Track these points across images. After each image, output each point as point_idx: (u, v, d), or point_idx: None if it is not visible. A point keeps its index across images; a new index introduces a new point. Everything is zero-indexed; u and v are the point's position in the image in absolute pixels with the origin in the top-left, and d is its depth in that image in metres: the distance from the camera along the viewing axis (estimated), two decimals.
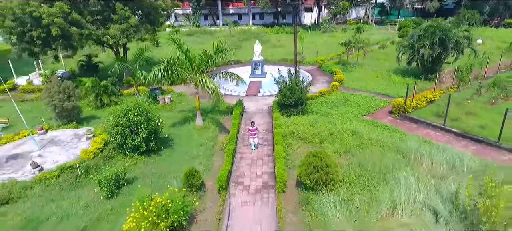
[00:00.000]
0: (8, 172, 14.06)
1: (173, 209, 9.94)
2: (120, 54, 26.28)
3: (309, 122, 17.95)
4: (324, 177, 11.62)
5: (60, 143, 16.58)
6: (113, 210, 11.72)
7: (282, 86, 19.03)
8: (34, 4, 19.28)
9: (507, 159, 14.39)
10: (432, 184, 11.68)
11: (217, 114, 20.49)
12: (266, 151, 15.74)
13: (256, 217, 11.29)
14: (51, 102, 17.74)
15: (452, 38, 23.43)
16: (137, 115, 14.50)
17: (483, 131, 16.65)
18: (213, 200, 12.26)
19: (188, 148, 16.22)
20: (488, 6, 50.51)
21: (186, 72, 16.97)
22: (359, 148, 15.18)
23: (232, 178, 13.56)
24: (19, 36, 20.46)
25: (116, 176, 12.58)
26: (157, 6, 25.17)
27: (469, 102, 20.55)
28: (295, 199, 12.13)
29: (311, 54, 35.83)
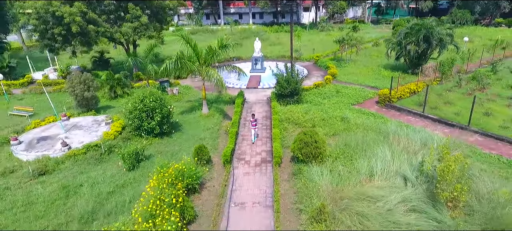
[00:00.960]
0: (41, 150, 16.22)
1: (187, 173, 12.11)
2: (130, 50, 28.43)
3: (303, 110, 20.12)
4: (313, 151, 13.77)
5: (82, 128, 18.74)
6: (134, 179, 13.86)
7: (279, 78, 21.18)
8: (56, 4, 21.42)
9: (474, 139, 16.53)
10: (405, 157, 13.78)
11: (220, 104, 22.63)
12: (265, 134, 17.89)
13: (256, 183, 13.44)
14: (73, 92, 19.89)
15: (436, 35, 25.52)
16: (152, 101, 16.63)
17: (457, 117, 18.80)
18: (219, 172, 14.41)
19: (196, 131, 18.37)
20: (479, 6, 52.55)
21: (194, 64, 19.09)
22: (346, 131, 17.31)
23: (235, 155, 15.71)
24: (42, 34, 22.61)
25: (136, 152, 14.72)
26: (165, 6, 27.33)
27: (448, 93, 22.71)
28: (289, 170, 14.28)
29: (308, 51, 37.93)
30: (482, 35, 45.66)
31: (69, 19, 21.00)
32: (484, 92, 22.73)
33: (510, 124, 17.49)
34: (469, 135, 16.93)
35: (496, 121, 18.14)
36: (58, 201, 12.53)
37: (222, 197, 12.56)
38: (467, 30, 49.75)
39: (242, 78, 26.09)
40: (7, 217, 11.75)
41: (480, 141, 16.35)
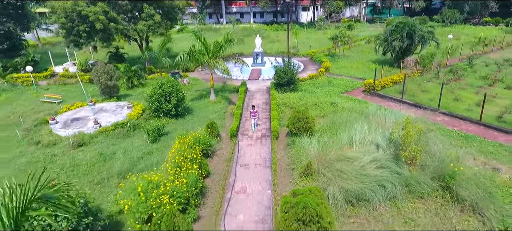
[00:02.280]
0: (76, 128, 19.26)
1: (202, 141, 15.14)
2: (143, 46, 31.47)
3: (298, 97, 23.14)
4: (304, 126, 16.79)
5: (108, 111, 21.79)
6: (158, 149, 16.88)
7: (277, 69, 24.22)
8: (82, 5, 24.43)
9: (441, 119, 19.56)
10: (380, 131, 16.77)
11: (226, 93, 25.64)
12: (265, 116, 20.92)
13: (257, 152, 16.48)
14: (99, 80, 22.93)
15: (418, 32, 28.54)
16: (169, 86, 19.66)
17: (430, 102, 21.81)
18: (226, 144, 17.44)
19: (206, 114, 21.40)
20: (467, 5, 55.50)
21: (204, 57, 22.12)
22: (334, 113, 20.32)
23: (240, 131, 18.74)
24: (68, 31, 25.63)
25: (158, 128, 17.76)
26: (175, 5, 30.32)
27: (427, 83, 25.71)
28: (284, 142, 17.31)
29: (305, 48, 40.96)
30: (469, 33, 48.64)
31: (93, 17, 24.04)
32: (458, 82, 25.74)
33: (474, 108, 20.47)
34: (437, 116, 19.96)
35: (463, 105, 21.17)
36: (98, 164, 15.56)
37: (230, 160, 15.59)
38: (456, 28, 52.75)
39: (244, 71, 29.22)
40: (59, 175, 14.79)
41: (446, 120, 19.38)
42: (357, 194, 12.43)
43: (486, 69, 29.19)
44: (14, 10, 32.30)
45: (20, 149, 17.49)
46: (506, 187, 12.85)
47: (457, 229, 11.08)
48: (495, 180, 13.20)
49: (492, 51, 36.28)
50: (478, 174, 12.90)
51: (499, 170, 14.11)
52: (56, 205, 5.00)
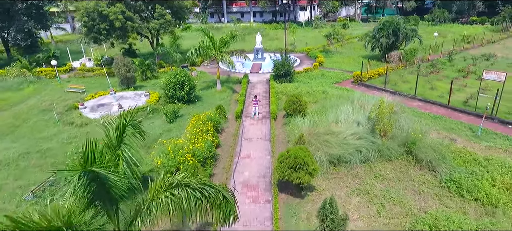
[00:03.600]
0: (103, 112, 22.41)
1: (213, 118, 18.33)
2: (154, 43, 34.64)
3: (294, 87, 26.32)
4: (298, 108, 19.98)
5: (128, 98, 24.96)
6: (175, 127, 20.03)
7: (276, 62, 27.40)
8: (103, 5, 27.55)
9: (416, 104, 22.78)
10: (361, 112, 19.95)
11: (230, 84, 28.81)
12: (265, 102, 24.10)
13: (259, 129, 19.67)
14: (119, 72, 26.09)
15: (402, 30, 31.75)
16: (182, 76, 22.83)
17: (409, 90, 25.02)
18: (232, 124, 20.62)
19: (213, 100, 24.57)
20: (456, 5, 58.74)
21: (211, 51, 25.28)
22: (324, 99, 23.52)
23: (243, 114, 21.92)
24: (90, 29, 28.74)
25: (174, 110, 20.94)
26: (184, 6, 33.45)
27: (409, 75, 28.91)
28: (281, 123, 20.50)
29: (302, 45, 44.11)
30: (455, 31, 51.88)
31: (113, 17, 27.15)
32: (436, 74, 28.96)
33: (445, 95, 23.66)
34: (413, 101, 23.19)
35: (437, 93, 24.41)
36: None
37: (236, 135, 18.79)
38: (444, 27, 55.96)
39: (246, 65, 32.40)
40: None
41: (420, 105, 22.61)
42: (339, 157, 15.64)
43: (464, 63, 32.41)
44: (36, 10, 35.42)
45: (57, 128, 20.64)
46: (458, 152, 16.05)
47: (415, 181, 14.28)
48: (450, 148, 16.39)
49: (473, 48, 39.49)
50: (436, 142, 16.08)
51: (455, 141, 17.35)
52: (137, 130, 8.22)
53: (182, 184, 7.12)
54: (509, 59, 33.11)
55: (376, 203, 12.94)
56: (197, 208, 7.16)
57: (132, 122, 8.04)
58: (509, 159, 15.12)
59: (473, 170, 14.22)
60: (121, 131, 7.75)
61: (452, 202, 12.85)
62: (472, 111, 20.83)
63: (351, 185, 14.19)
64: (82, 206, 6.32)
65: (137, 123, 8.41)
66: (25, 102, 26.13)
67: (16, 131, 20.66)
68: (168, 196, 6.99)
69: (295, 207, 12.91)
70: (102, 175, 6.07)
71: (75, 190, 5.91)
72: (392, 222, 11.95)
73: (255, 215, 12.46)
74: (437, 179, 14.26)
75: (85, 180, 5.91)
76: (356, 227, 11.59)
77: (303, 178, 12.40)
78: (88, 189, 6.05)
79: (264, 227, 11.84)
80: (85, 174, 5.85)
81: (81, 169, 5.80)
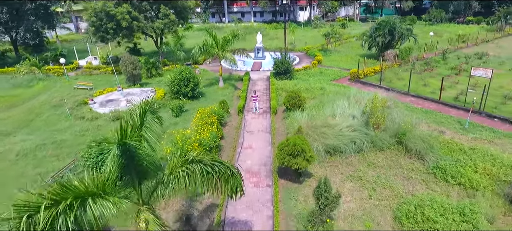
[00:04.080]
0: (112, 107, 23.61)
1: (217, 112, 19.53)
2: (158, 42, 35.85)
3: (293, 83, 27.51)
4: (297, 102, 21.17)
5: (135, 94, 26.15)
6: (181, 120, 21.22)
7: (276, 60, 28.60)
8: (110, 5, 28.75)
9: (409, 99, 23.99)
10: (356, 107, 21.14)
11: (232, 81, 30.01)
12: (265, 98, 25.30)
13: (260, 123, 20.87)
14: (126, 69, 27.29)
15: (398, 29, 32.95)
16: (187, 73, 24.03)
17: (404, 87, 26.21)
18: (235, 118, 21.81)
19: (216, 96, 25.76)
20: (452, 5, 59.94)
21: (214, 49, 26.47)
22: (322, 95, 24.72)
23: (245, 109, 23.11)
24: (97, 28, 29.94)
25: (180, 105, 22.13)
26: (187, 6, 34.65)
27: (404, 73, 30.09)
28: (281, 116, 21.69)
29: (301, 44, 45.29)
30: (451, 31, 53.05)
31: (120, 17, 28.35)
32: (430, 72, 30.16)
33: (437, 91, 24.85)
34: (407, 97, 24.40)
35: (430, 89, 25.59)
36: None
37: (239, 128, 19.98)
38: (441, 27, 57.15)
39: (247, 63, 33.58)
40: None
41: (413, 100, 23.81)
42: (334, 148, 16.84)
43: (457, 61, 33.59)
44: (44, 10, 36.60)
45: (70, 122, 21.84)
46: (445, 143, 17.24)
47: (404, 168, 15.47)
48: (438, 139, 17.57)
49: (467, 47, 40.68)
50: (425, 134, 17.26)
51: (444, 133, 18.55)
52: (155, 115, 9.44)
53: (196, 160, 8.31)
54: (501, 58, 34.31)
55: (367, 187, 14.13)
56: (209, 181, 8.35)
57: (151, 108, 9.22)
58: (492, 148, 16.31)
59: (458, 158, 15.42)
60: (142, 115, 8.93)
61: (437, 187, 14.04)
62: (462, 106, 22.03)
63: (346, 172, 15.39)
64: (114, 178, 7.52)
65: (155, 110, 9.59)
66: (36, 98, 27.33)
67: (30, 124, 21.88)
68: (184, 170, 8.18)
69: (293, 191, 14.11)
70: (131, 149, 7.27)
71: (112, 160, 7.10)
72: (382, 203, 13.15)
73: (257, 198, 13.66)
74: (424, 166, 15.46)
75: (119, 152, 7.10)
76: (349, 212, 12.74)
77: (301, 164, 13.60)
78: (121, 161, 7.25)
79: (266, 207, 13.03)
80: (120, 146, 7.05)
81: (117, 142, 6.99)
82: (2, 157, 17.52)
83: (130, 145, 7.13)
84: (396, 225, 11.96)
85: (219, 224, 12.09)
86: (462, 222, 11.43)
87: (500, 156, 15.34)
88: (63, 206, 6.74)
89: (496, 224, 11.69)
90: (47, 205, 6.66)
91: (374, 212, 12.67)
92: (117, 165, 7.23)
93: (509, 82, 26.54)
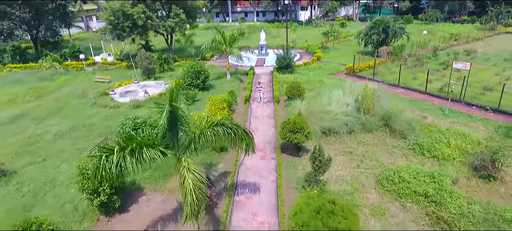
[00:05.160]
0: (131, 97, 26.32)
1: (227, 99, 22.21)
2: (168, 40, 38.59)
3: (294, 77, 30.16)
4: (297, 92, 23.82)
5: (150, 86, 28.86)
6: (194, 108, 23.90)
7: (279, 56, 31.27)
8: (127, 5, 31.49)
9: (399, 91, 26.59)
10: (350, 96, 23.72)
11: (238, 75, 32.67)
12: (269, 89, 27.96)
13: (264, 110, 23.54)
14: (142, 64, 30.01)
15: (392, 28, 35.52)
16: (198, 67, 26.71)
17: (394, 80, 28.81)
18: (242, 106, 24.47)
19: (224, 88, 28.42)
20: (447, 5, 62.40)
21: (222, 46, 29.14)
22: (320, 87, 27.34)
23: (251, 98, 25.77)
24: (114, 26, 32.67)
25: (193, 95, 24.82)
26: (196, 6, 37.36)
27: (395, 68, 32.66)
28: (283, 104, 24.34)
29: (302, 42, 47.88)
30: (445, 30, 55.46)
31: (136, 16, 31.07)
32: (420, 67, 32.72)
33: (425, 83, 27.45)
34: (397, 89, 27.02)
35: (418, 82, 28.17)
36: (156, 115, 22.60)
37: (246, 114, 22.65)
38: (436, 26, 59.60)
39: (251, 60, 36.25)
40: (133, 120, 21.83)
41: (402, 92, 26.42)
42: (330, 129, 19.48)
43: (447, 58, 36.12)
44: (63, 9, 39.34)
45: (95, 110, 24.56)
46: (426, 125, 19.83)
47: (389, 145, 18.09)
48: (421, 123, 20.18)
49: (458, 45, 43.17)
50: (409, 118, 19.87)
51: (426, 118, 21.16)
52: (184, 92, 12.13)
53: (220, 123, 11.00)
54: (487, 55, 36.81)
55: (356, 159, 16.77)
56: (230, 139, 11.03)
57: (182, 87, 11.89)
58: (464, 129, 18.93)
59: (435, 137, 18.04)
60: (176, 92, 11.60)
61: (415, 159, 16.67)
62: (445, 96, 24.60)
63: (338, 148, 18.02)
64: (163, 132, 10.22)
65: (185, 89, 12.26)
66: (60, 90, 30.09)
67: (61, 111, 24.62)
68: (211, 131, 10.86)
69: (293, 162, 16.75)
70: (175, 110, 9.94)
71: (166, 115, 9.77)
72: (367, 171, 15.77)
73: (263, 167, 16.33)
74: (406, 144, 18.07)
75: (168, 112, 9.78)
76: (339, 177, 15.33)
77: (300, 138, 16.26)
78: (169, 119, 9.92)
79: (270, 174, 15.68)
80: (170, 106, 9.72)
81: (168, 103, 9.67)
82: (42, 137, 20.28)
83: (175, 107, 9.80)
84: (378, 187, 14.59)
85: (233, 185, 14.75)
86: (431, 182, 14.03)
87: (470, 135, 17.98)
88: (129, 150, 9.48)
89: (459, 184, 14.29)
90: (117, 150, 9.38)
91: (360, 177, 15.30)
92: (167, 120, 9.89)
93: (491, 76, 29.10)
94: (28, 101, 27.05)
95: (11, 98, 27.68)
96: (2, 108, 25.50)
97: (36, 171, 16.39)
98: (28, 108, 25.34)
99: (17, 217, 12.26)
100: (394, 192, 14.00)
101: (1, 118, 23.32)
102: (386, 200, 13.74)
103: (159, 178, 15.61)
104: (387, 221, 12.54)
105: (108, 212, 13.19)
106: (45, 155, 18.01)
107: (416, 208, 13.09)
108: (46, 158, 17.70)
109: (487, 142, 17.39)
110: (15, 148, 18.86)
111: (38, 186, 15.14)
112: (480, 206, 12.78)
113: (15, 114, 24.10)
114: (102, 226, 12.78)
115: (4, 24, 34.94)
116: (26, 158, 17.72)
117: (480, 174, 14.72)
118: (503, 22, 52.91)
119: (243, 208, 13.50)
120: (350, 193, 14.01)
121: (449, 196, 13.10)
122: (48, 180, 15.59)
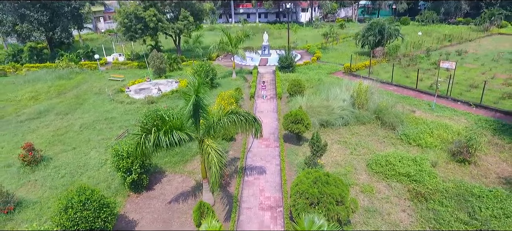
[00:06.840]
0: (144, 94, 28.63)
1: (234, 95, 24.52)
2: (176, 41, 40.92)
3: (295, 76, 32.44)
4: (298, 89, 26.10)
5: (162, 84, 31.18)
6: None
7: (281, 56, 33.57)
8: (140, 9, 33.83)
9: (392, 88, 28.85)
10: (346, 92, 25.99)
11: (243, 73, 34.97)
12: (272, 87, 30.25)
13: (268, 105, 25.83)
14: (154, 64, 32.33)
15: (387, 30, 37.76)
16: (207, 66, 29.02)
17: (388, 78, 31.07)
18: (247, 102, 26.77)
19: (230, 86, 30.73)
20: (443, 7, 64.59)
21: (228, 47, 31.45)
22: (319, 84, 29.61)
23: (255, 95, 28.07)
24: (127, 28, 35.01)
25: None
26: (203, 8, 39.70)
27: (390, 67, 34.90)
28: (285, 100, 26.63)
29: (303, 43, 50.19)
30: (441, 31, 57.66)
31: (148, 18, 33.39)
32: (413, 67, 34.96)
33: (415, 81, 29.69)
34: (390, 86, 29.28)
35: (410, 80, 30.42)
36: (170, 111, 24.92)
37: (251, 109, 24.93)
38: (432, 27, 61.79)
39: (255, 60, 38.55)
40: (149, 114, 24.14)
41: (395, 89, 28.67)
42: (327, 121, 21.73)
43: (439, 57, 38.33)
44: (77, 12, 41.74)
45: (113, 105, 26.87)
46: (414, 118, 22.08)
47: (380, 136, 20.34)
48: (409, 116, 22.42)
49: (451, 45, 45.35)
50: (398, 112, 22.12)
51: (414, 112, 23.40)
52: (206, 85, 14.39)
53: (234, 112, 13.28)
54: (477, 55, 39.00)
55: (350, 147, 19.02)
56: (242, 125, 13.33)
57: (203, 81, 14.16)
58: (447, 121, 21.19)
59: (420, 128, 20.29)
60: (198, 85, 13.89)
61: (402, 147, 18.92)
62: (433, 93, 26.83)
63: (335, 138, 20.28)
64: (188, 118, 12.52)
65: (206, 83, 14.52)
66: (78, 87, 32.42)
67: (82, 106, 26.96)
68: (227, 118, 13.15)
69: (295, 150, 19.02)
70: (199, 100, 12.23)
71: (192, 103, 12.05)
72: (359, 157, 18.02)
73: (268, 154, 18.62)
74: (395, 134, 20.32)
75: (194, 101, 12.06)
76: (335, 162, 17.58)
77: (301, 128, 18.55)
78: (193, 107, 12.22)
79: (274, 159, 17.96)
80: (196, 97, 12.01)
81: (194, 93, 11.96)
82: (69, 128, 22.61)
83: (199, 97, 12.09)
84: (368, 169, 16.85)
85: (242, 168, 17.04)
86: (413, 165, 16.28)
87: (452, 126, 20.23)
88: (163, 131, 11.79)
89: (438, 167, 16.54)
90: (154, 130, 11.68)
91: (353, 162, 17.57)
92: (192, 108, 12.18)
93: (478, 75, 31.32)
94: (50, 98, 29.39)
95: (34, 95, 30.02)
96: (28, 104, 27.85)
97: (69, 157, 18.71)
98: (51, 104, 27.66)
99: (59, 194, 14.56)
100: (381, 174, 16.26)
101: (29, 113, 25.65)
102: (374, 180, 16.01)
103: (178, 162, 17.90)
104: (374, 196, 14.80)
105: (137, 189, 15.48)
106: (74, 144, 20.32)
107: (399, 186, 15.35)
108: (75, 147, 20.00)
109: (466, 133, 19.63)
110: (48, 138, 21.18)
111: (73, 168, 17.45)
112: (454, 183, 15.05)
113: (40, 109, 26.40)
114: (133, 200, 15.08)
115: (23, 26, 37.29)
116: (59, 146, 20.04)
117: (457, 159, 16.97)
118: (496, 23, 55.03)
119: (251, 186, 15.79)
120: (343, 174, 16.27)
121: (427, 175, 15.37)
122: (81, 164, 17.90)
